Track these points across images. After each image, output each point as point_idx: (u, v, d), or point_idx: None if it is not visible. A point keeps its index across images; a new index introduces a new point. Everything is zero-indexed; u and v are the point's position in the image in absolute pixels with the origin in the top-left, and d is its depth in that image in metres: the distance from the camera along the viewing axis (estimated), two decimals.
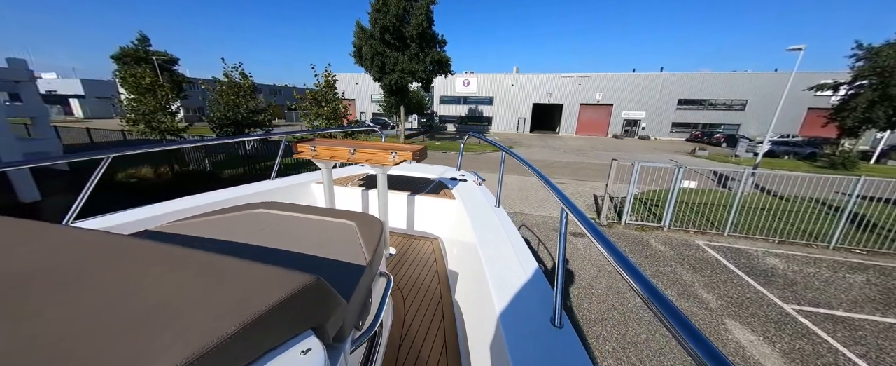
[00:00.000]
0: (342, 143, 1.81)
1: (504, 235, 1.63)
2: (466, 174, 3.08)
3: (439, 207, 2.44)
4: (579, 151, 21.22)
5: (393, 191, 2.44)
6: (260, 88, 40.61)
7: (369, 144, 1.81)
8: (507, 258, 1.38)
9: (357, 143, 1.85)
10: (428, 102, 33.99)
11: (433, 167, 3.42)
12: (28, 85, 7.81)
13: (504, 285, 1.18)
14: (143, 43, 22.35)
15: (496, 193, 2.24)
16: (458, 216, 2.18)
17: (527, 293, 1.13)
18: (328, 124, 7.15)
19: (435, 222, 2.47)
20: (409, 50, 18.24)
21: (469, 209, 2.00)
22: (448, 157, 16.94)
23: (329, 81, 7.14)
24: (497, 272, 1.27)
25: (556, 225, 6.86)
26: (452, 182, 2.74)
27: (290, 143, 1.93)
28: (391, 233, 2.46)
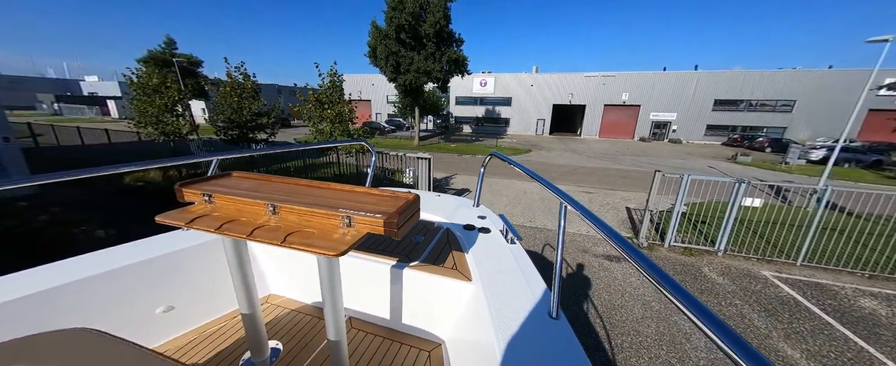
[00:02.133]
0: (272, 184, 1.02)
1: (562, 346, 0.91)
2: (488, 215, 2.09)
3: (443, 287, 1.38)
4: (604, 156, 19.83)
5: (364, 255, 1.50)
6: (281, 89, 41.52)
7: (322, 192, 0.99)
8: None
9: (306, 186, 1.03)
10: (443, 103, 33.38)
11: (438, 200, 2.34)
12: None
13: None
14: (170, 46, 23.12)
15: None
16: (475, 303, 1.25)
17: None
18: (332, 128, 6.59)
19: (436, 314, 1.43)
20: (425, 49, 17.67)
21: (495, 290, 1.19)
22: (463, 161, 16.18)
23: (334, 81, 6.57)
24: None
25: (587, 246, 5.93)
26: (467, 233, 1.74)
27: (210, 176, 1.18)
28: (361, 329, 1.49)
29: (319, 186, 1.04)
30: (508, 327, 1.01)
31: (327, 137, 6.69)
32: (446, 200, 2.34)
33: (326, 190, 1.02)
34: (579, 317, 3.94)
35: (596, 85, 30.68)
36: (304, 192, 0.97)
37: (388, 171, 8.07)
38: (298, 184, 1.04)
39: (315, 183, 1.05)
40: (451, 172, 12.87)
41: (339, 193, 1.01)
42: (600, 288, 4.59)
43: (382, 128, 29.68)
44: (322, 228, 0.82)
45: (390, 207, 0.87)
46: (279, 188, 0.99)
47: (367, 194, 0.99)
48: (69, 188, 8.04)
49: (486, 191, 10.00)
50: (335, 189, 1.02)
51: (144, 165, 1.39)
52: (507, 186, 10.77)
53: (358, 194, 0.99)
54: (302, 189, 1.00)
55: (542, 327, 1.02)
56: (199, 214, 0.87)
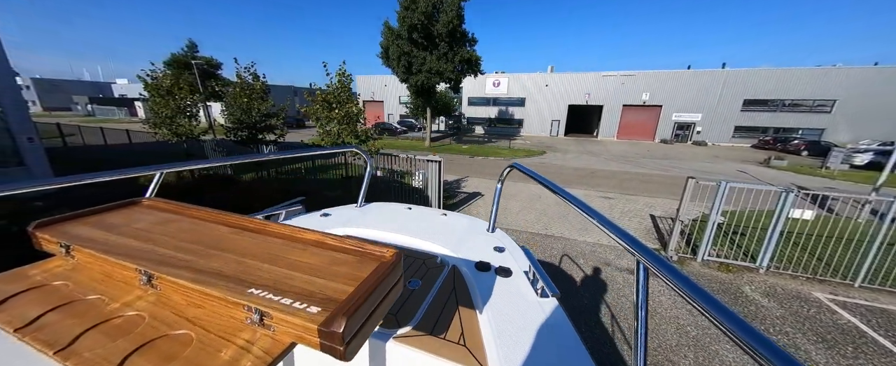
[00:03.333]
0: (184, 223, 0.72)
1: None
2: (507, 246, 1.56)
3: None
4: (624, 158, 18.94)
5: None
6: (296, 91, 42.38)
7: (250, 241, 0.66)
8: None
9: (236, 225, 0.73)
10: (456, 104, 33.07)
11: (443, 221, 1.81)
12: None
13: None
14: (192, 49, 23.91)
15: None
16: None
17: None
18: (340, 129, 6.39)
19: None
20: (438, 49, 17.43)
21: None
22: (475, 163, 15.80)
23: (342, 81, 6.37)
24: None
25: (610, 258, 5.45)
26: (480, 276, 1.25)
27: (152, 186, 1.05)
28: None
29: (257, 226, 0.70)
30: None
31: (334, 138, 6.50)
32: (454, 222, 1.80)
33: (261, 237, 0.66)
34: (604, 343, 3.50)
35: (614, 85, 29.58)
36: (225, 240, 0.64)
37: (397, 173, 7.82)
38: (228, 222, 0.71)
39: (252, 222, 0.72)
40: (462, 174, 12.52)
41: (281, 241, 0.65)
42: (627, 308, 4.13)
43: (394, 129, 29.69)
44: (207, 335, 0.46)
45: (346, 284, 0.51)
46: (193, 231, 0.66)
47: (320, 247, 0.64)
48: (87, 188, 8.22)
49: None
50: (276, 233, 0.68)
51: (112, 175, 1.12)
52: (519, 189, 10.32)
53: (305, 247, 0.63)
54: (225, 235, 0.67)
55: None
56: (32, 285, 0.53)
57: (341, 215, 1.76)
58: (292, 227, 0.70)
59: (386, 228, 1.57)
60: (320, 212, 1.82)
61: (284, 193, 8.18)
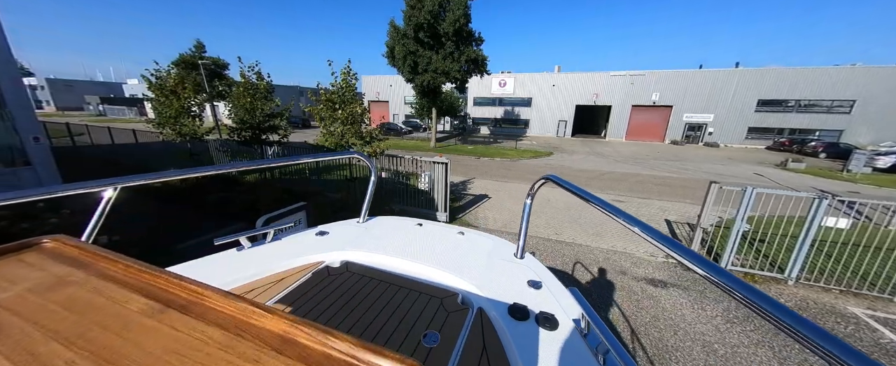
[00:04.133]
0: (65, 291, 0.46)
1: None
2: (544, 279, 1.27)
3: None
4: (634, 160, 18.50)
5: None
6: (303, 91, 42.61)
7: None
8: None
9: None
10: (461, 104, 32.80)
11: (460, 243, 1.51)
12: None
13: None
14: (199, 49, 24.06)
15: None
16: None
17: None
18: (344, 130, 6.21)
19: None
20: (444, 49, 17.22)
21: None
22: (481, 164, 15.54)
23: (347, 81, 6.19)
24: None
25: (626, 266, 5.16)
26: (516, 326, 0.97)
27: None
28: None
29: (191, 298, 0.46)
30: None
31: (338, 139, 6.32)
32: (474, 244, 1.46)
33: (189, 326, 0.41)
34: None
35: (623, 84, 29.03)
36: (130, 328, 0.39)
37: (403, 175, 7.62)
38: (151, 290, 0.48)
39: (187, 290, 0.47)
40: (468, 175, 12.28)
41: (220, 334, 0.39)
42: (646, 322, 3.85)
43: (399, 129, 29.56)
44: None
45: None
46: (89, 306, 0.43)
47: (284, 355, 0.37)
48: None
49: (505, 197, 9.33)
50: (216, 317, 0.43)
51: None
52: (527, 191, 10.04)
53: (259, 350, 0.38)
54: (134, 318, 0.42)
55: None
56: None
57: (340, 234, 1.51)
58: (246, 301, 0.44)
59: (393, 252, 1.33)
60: (317, 229, 1.57)
61: (289, 194, 8.06)
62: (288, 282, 1.08)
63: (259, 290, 1.03)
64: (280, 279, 1.09)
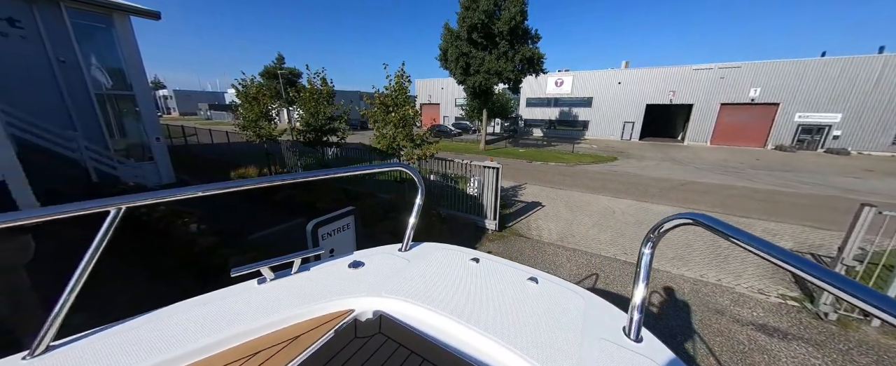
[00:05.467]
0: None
1: None
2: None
3: None
4: (724, 168, 15.52)
5: None
6: (362, 95, 45.98)
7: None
8: None
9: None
10: (513, 106, 31.66)
11: (536, 294, 1.09)
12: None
13: None
14: (280, 61, 27.52)
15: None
16: None
17: None
18: (395, 132, 6.23)
19: None
20: (498, 49, 16.70)
21: None
22: (533, 169, 14.61)
23: (400, 83, 6.21)
24: None
25: (723, 304, 4.11)
26: None
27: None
28: None
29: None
30: None
31: (390, 141, 6.38)
32: (554, 301, 1.05)
33: None
34: None
35: (710, 79, 24.77)
36: None
37: (450, 178, 7.42)
38: None
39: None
40: (519, 180, 11.59)
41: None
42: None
43: (449, 131, 29.75)
44: None
45: None
46: None
47: None
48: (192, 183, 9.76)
49: (561, 206, 8.48)
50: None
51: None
52: (588, 201, 9.02)
53: None
54: None
55: None
56: None
57: (377, 267, 1.22)
58: None
59: (439, 302, 0.99)
60: (351, 258, 1.28)
61: (344, 193, 8.50)
62: (304, 343, 0.85)
63: (267, 352, 0.81)
64: (296, 336, 0.87)
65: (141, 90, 9.27)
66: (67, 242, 2.10)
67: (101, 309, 3.19)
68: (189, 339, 0.81)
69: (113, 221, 0.81)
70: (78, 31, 7.74)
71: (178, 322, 0.86)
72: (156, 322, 0.86)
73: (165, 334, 0.82)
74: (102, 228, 0.79)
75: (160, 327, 0.84)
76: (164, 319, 0.88)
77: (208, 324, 0.86)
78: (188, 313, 0.90)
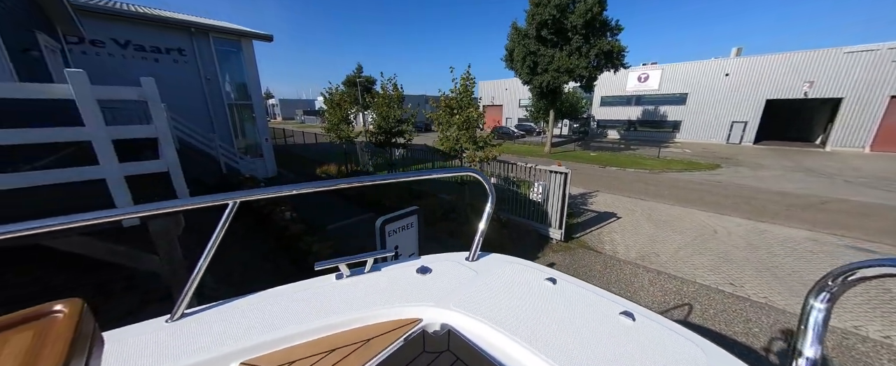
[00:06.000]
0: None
1: None
2: None
3: None
4: (891, 183, 11.42)
5: None
6: (428, 99, 48.25)
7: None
8: None
9: None
10: (584, 105, 29.01)
11: (633, 332, 0.87)
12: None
13: None
14: (359, 71, 30.72)
15: None
16: None
17: None
18: (459, 134, 6.28)
19: None
20: (570, 45, 15.54)
21: None
22: (608, 175, 13.12)
23: (466, 85, 6.24)
24: None
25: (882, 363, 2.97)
26: None
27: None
28: None
29: None
30: None
31: (453, 143, 6.46)
32: (656, 344, 0.83)
33: None
34: None
35: (873, 64, 18.57)
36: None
37: (512, 182, 7.15)
38: None
39: None
40: (590, 187, 10.54)
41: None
42: None
43: (511, 133, 28.93)
44: None
45: None
46: None
47: None
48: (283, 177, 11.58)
49: (642, 219, 7.39)
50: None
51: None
52: (678, 216, 7.65)
53: None
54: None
55: None
56: None
57: (444, 275, 1.18)
58: None
59: (510, 324, 0.88)
60: (419, 263, 1.27)
61: (408, 192, 8.97)
62: (376, 347, 0.86)
63: (343, 350, 0.85)
64: (368, 339, 0.89)
65: (257, 100, 11.41)
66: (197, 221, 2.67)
67: (229, 279, 3.92)
68: (284, 324, 0.90)
69: (231, 211, 0.96)
70: (219, 55, 9.92)
71: (279, 306, 0.97)
72: (263, 303, 0.99)
73: (269, 315, 0.93)
74: (223, 216, 0.95)
75: (266, 308, 0.96)
76: (269, 300, 1.00)
77: (298, 313, 0.95)
78: (288, 299, 1.01)
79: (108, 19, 7.94)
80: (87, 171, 2.16)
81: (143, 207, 0.86)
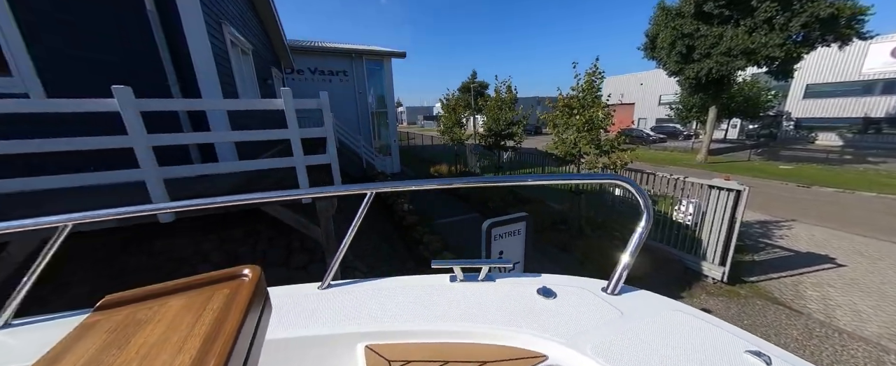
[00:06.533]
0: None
1: None
2: None
3: None
4: None
5: None
6: (541, 100, 45.81)
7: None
8: None
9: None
10: (769, 98, 20.51)
11: None
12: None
13: None
14: (473, 77, 32.26)
15: None
16: None
17: None
18: (577, 138, 5.56)
19: None
20: (753, 16, 11.44)
21: None
22: (816, 199, 9.01)
23: (591, 81, 5.46)
24: None
25: None
26: None
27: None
28: None
29: None
30: None
31: (569, 147, 5.77)
32: None
33: None
34: None
35: None
36: None
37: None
38: None
39: None
40: (778, 213, 7.45)
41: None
42: None
43: (646, 136, 23.91)
44: None
45: None
46: None
47: None
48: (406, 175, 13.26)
49: (889, 269, 4.62)
50: None
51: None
52: (879, 249, 4.40)
53: None
54: None
55: None
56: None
57: (573, 306, 0.94)
58: None
59: None
60: (539, 283, 1.07)
61: (512, 195, 8.70)
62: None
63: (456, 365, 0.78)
64: (482, 362, 0.79)
65: (391, 109, 13.62)
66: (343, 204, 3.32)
67: (361, 255, 4.73)
68: (403, 316, 0.92)
69: (368, 201, 1.08)
70: (368, 73, 12.35)
71: (400, 297, 1.01)
72: (387, 290, 1.05)
73: (391, 303, 0.98)
74: (363, 203, 1.08)
75: (389, 296, 1.02)
76: (392, 289, 1.06)
77: (415, 309, 0.96)
78: (407, 291, 1.05)
79: (306, 54, 11.16)
80: (287, 160, 3.03)
81: (314, 191, 1.11)
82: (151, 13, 3.17)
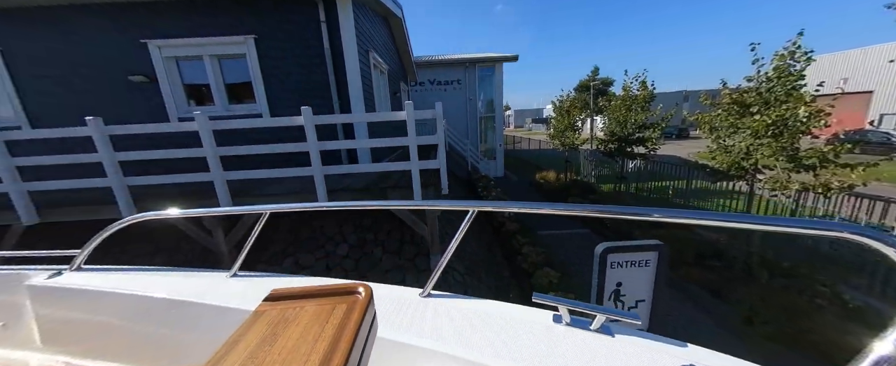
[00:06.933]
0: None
1: None
2: None
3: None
4: None
5: None
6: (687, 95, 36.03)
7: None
8: None
9: None
10: None
11: None
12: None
13: None
14: (594, 74, 28.61)
15: None
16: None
17: None
18: (754, 144, 4.03)
19: None
20: None
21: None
22: None
23: (786, 66, 3.86)
24: None
25: None
26: None
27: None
28: None
29: None
30: None
31: (736, 157, 4.23)
32: None
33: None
34: None
35: None
36: None
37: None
38: None
39: None
40: None
41: None
42: None
43: (891, 141, 15.30)
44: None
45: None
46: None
47: None
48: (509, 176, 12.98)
49: None
50: None
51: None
52: None
53: None
54: None
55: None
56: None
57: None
58: None
59: None
60: (684, 358, 0.75)
61: None
62: None
63: None
64: None
65: (499, 113, 13.66)
66: None
67: (462, 256, 4.83)
68: (501, 353, 0.83)
69: (470, 218, 1.07)
70: (479, 79, 12.78)
71: (500, 327, 0.93)
72: (484, 314, 1.00)
73: (489, 332, 0.91)
74: (465, 221, 1.08)
75: (486, 322, 0.96)
76: (490, 314, 0.99)
77: (513, 347, 0.85)
78: (504, 324, 0.94)
79: (427, 67, 12.53)
80: (404, 164, 3.45)
81: (426, 203, 1.27)
82: (327, 50, 4.24)
